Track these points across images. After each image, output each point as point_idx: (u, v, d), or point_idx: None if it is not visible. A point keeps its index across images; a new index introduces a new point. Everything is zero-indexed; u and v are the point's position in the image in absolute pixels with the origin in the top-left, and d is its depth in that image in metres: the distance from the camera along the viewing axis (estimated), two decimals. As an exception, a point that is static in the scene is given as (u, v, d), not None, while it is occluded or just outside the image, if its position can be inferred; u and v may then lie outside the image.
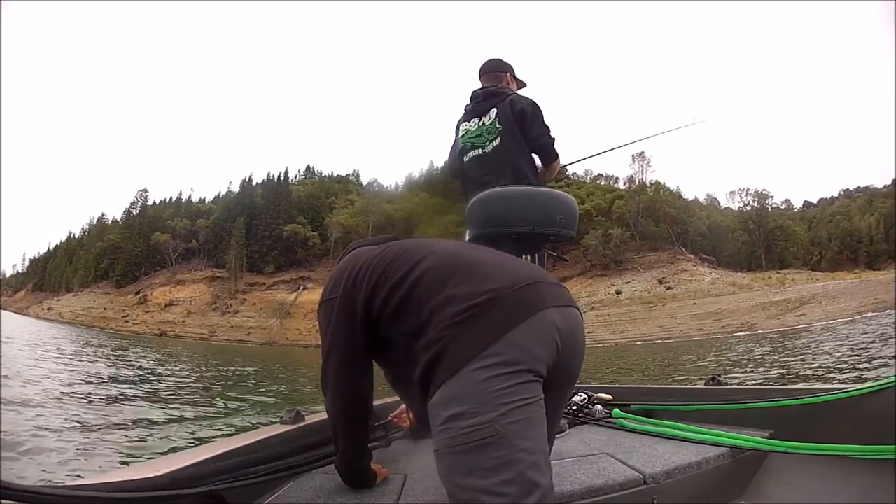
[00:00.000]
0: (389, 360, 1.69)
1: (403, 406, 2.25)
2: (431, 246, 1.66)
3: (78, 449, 6.52)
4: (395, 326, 1.52)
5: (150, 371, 19.68)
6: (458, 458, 1.26)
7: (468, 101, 3.59)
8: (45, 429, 7.42)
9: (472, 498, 1.23)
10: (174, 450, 5.98)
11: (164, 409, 10.21)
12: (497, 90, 3.49)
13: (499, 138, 3.35)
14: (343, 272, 1.70)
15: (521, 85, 3.73)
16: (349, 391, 1.70)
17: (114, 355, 27.55)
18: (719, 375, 2.95)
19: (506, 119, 3.34)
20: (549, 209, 2.92)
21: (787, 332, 40.81)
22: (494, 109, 3.41)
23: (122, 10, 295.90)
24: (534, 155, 3.43)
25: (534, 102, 3.39)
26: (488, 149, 3.38)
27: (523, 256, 2.76)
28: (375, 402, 1.96)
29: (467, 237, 3.00)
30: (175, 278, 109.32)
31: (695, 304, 75.63)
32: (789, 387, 2.56)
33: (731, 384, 2.94)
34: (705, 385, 2.96)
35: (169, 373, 19.73)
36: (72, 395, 11.04)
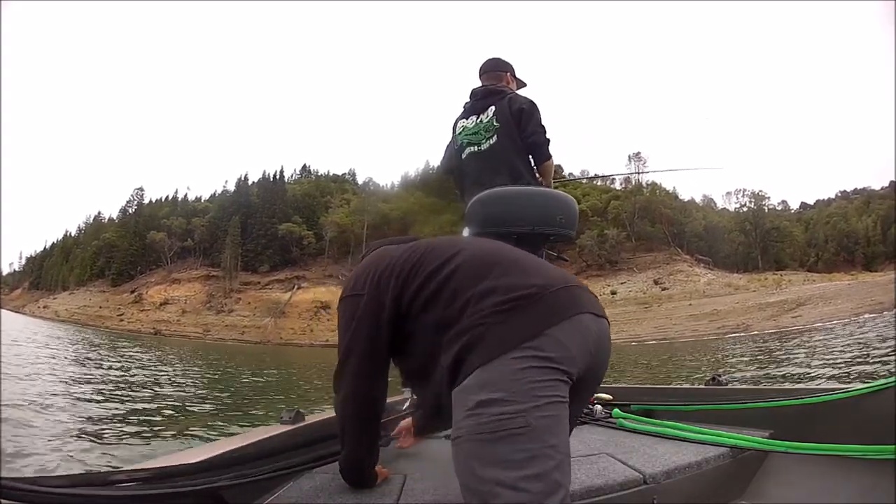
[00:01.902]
0: (407, 354, 1.63)
1: (404, 423, 2.21)
2: (465, 242, 1.66)
3: (76, 448, 6.52)
4: (423, 319, 1.49)
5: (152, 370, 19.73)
6: (485, 446, 1.21)
7: (467, 99, 3.58)
8: (45, 428, 7.41)
9: (491, 491, 1.17)
10: (174, 449, 5.98)
11: (163, 409, 10.22)
12: (496, 89, 3.49)
13: (495, 136, 3.35)
14: (369, 269, 1.65)
15: (521, 84, 3.73)
16: (367, 391, 1.65)
17: (112, 354, 27.57)
18: (719, 375, 2.96)
19: (504, 118, 3.34)
20: (549, 209, 2.92)
21: (783, 333, 40.86)
22: (493, 108, 3.41)
23: (118, 9, 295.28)
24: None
25: (532, 102, 3.39)
26: (484, 146, 3.39)
27: None
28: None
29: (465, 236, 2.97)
30: (170, 277, 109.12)
31: (690, 304, 75.73)
32: (789, 387, 2.57)
33: (731, 384, 2.94)
34: (705, 385, 2.97)
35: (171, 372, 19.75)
36: (71, 395, 11.03)
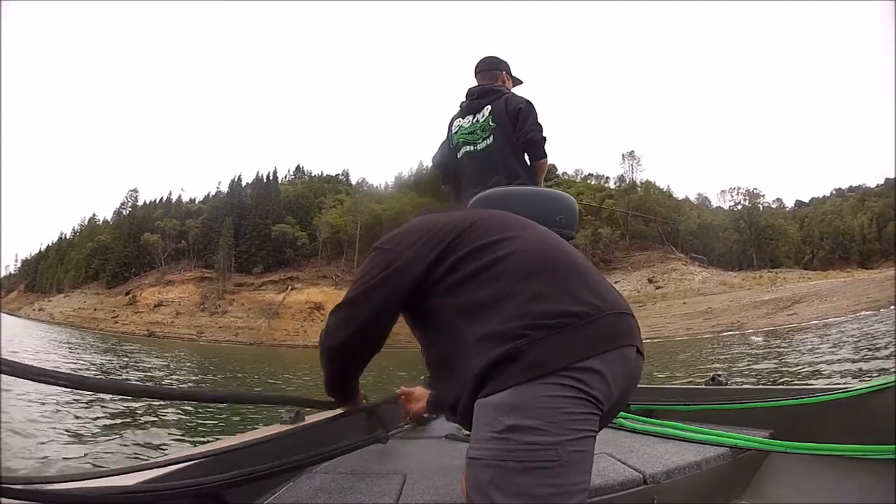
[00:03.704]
0: (431, 339, 1.51)
1: (418, 391, 2.21)
2: (523, 225, 1.52)
3: (76, 449, 6.51)
4: (454, 298, 1.35)
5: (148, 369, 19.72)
6: (509, 474, 1.11)
7: (463, 98, 3.56)
8: (43, 429, 7.41)
9: None
10: (174, 449, 5.96)
11: (163, 409, 10.20)
12: (493, 88, 3.48)
13: (491, 136, 3.35)
14: (414, 229, 1.51)
15: (518, 83, 3.72)
16: (357, 351, 1.58)
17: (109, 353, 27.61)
18: (719, 375, 2.97)
19: (500, 117, 3.34)
20: (549, 209, 2.90)
21: (777, 331, 40.97)
22: (489, 107, 3.40)
23: (111, 10, 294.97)
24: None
25: (528, 101, 3.37)
26: (480, 146, 3.38)
27: None
28: (375, 402, 1.94)
29: None
30: (164, 279, 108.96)
31: (685, 303, 75.85)
32: (789, 387, 2.58)
33: (730, 384, 2.93)
34: (705, 385, 2.97)
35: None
36: (69, 394, 11.01)
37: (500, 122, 3.33)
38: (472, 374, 1.22)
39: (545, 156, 3.38)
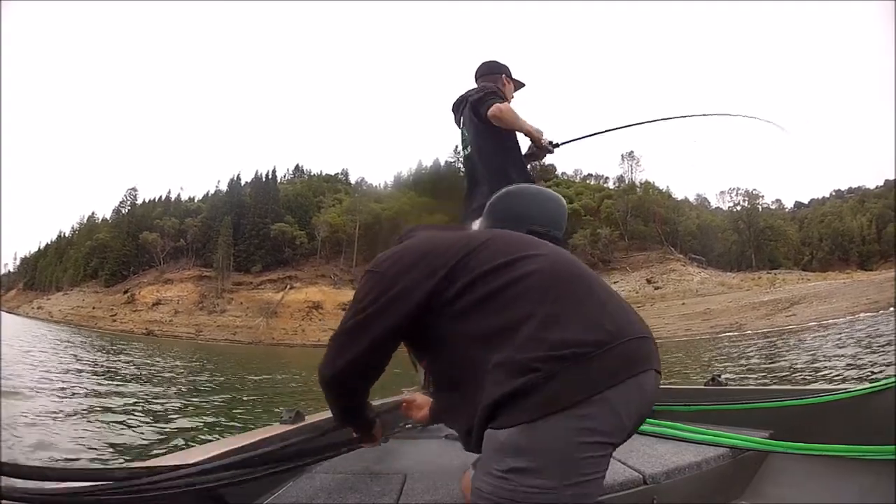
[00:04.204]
0: (442, 366, 1.46)
1: (420, 398, 2.12)
2: (533, 245, 1.43)
3: (75, 449, 6.51)
4: (466, 325, 1.29)
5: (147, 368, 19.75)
6: None
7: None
8: (43, 429, 7.41)
9: None
10: (174, 449, 5.99)
11: (162, 409, 10.20)
12: (461, 97, 3.52)
13: (470, 146, 3.42)
14: (411, 251, 1.44)
15: (520, 85, 3.72)
16: (353, 383, 1.52)
17: (109, 351, 27.65)
18: (719, 375, 2.99)
19: (471, 125, 3.37)
20: (560, 212, 2.92)
21: (777, 332, 40.97)
22: (462, 118, 3.48)
23: (110, 9, 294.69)
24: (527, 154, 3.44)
25: (481, 87, 3.40)
26: (469, 152, 3.45)
27: None
28: (374, 402, 1.94)
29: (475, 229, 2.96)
30: (163, 277, 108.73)
31: (683, 304, 75.95)
32: (789, 387, 2.59)
33: (730, 384, 2.94)
34: (705, 385, 2.98)
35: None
36: (67, 395, 11.02)
37: (472, 129, 3.37)
38: (484, 402, 1.19)
39: (491, 104, 3.23)
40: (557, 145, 3.51)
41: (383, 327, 1.37)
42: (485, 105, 3.23)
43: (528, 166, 3.50)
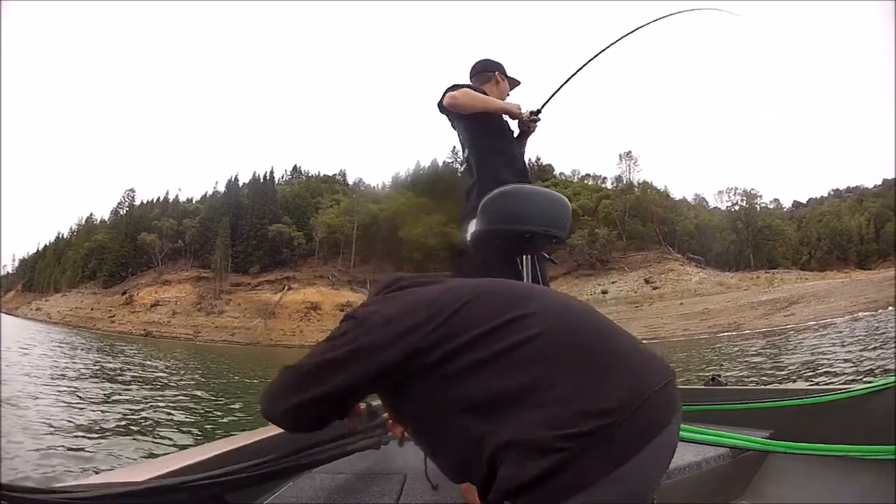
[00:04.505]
0: (427, 433, 1.29)
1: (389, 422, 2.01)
2: (538, 296, 1.31)
3: (75, 447, 6.51)
4: (455, 390, 1.14)
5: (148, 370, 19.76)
6: None
7: None
8: (42, 429, 7.41)
9: None
10: (174, 449, 5.97)
11: (160, 409, 10.21)
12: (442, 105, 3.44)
13: (465, 146, 3.43)
14: (392, 305, 1.29)
15: (515, 83, 3.70)
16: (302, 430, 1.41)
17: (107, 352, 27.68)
18: (719, 375, 2.98)
19: (458, 125, 3.40)
20: (561, 211, 2.91)
21: (775, 331, 41.04)
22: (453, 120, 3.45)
23: (107, 10, 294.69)
24: (526, 155, 3.46)
25: (449, 87, 3.33)
26: (467, 153, 3.44)
27: (524, 257, 2.68)
28: (375, 402, 1.94)
29: (470, 230, 2.92)
30: (161, 278, 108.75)
31: (681, 303, 75.97)
32: (789, 387, 2.60)
33: (730, 384, 2.94)
34: (705, 385, 2.97)
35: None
36: (67, 393, 11.03)
37: (460, 129, 3.40)
38: (503, 487, 1.02)
39: (449, 94, 3.23)
40: (539, 111, 3.44)
41: (342, 380, 1.22)
42: (441, 99, 3.27)
43: (526, 161, 3.51)
